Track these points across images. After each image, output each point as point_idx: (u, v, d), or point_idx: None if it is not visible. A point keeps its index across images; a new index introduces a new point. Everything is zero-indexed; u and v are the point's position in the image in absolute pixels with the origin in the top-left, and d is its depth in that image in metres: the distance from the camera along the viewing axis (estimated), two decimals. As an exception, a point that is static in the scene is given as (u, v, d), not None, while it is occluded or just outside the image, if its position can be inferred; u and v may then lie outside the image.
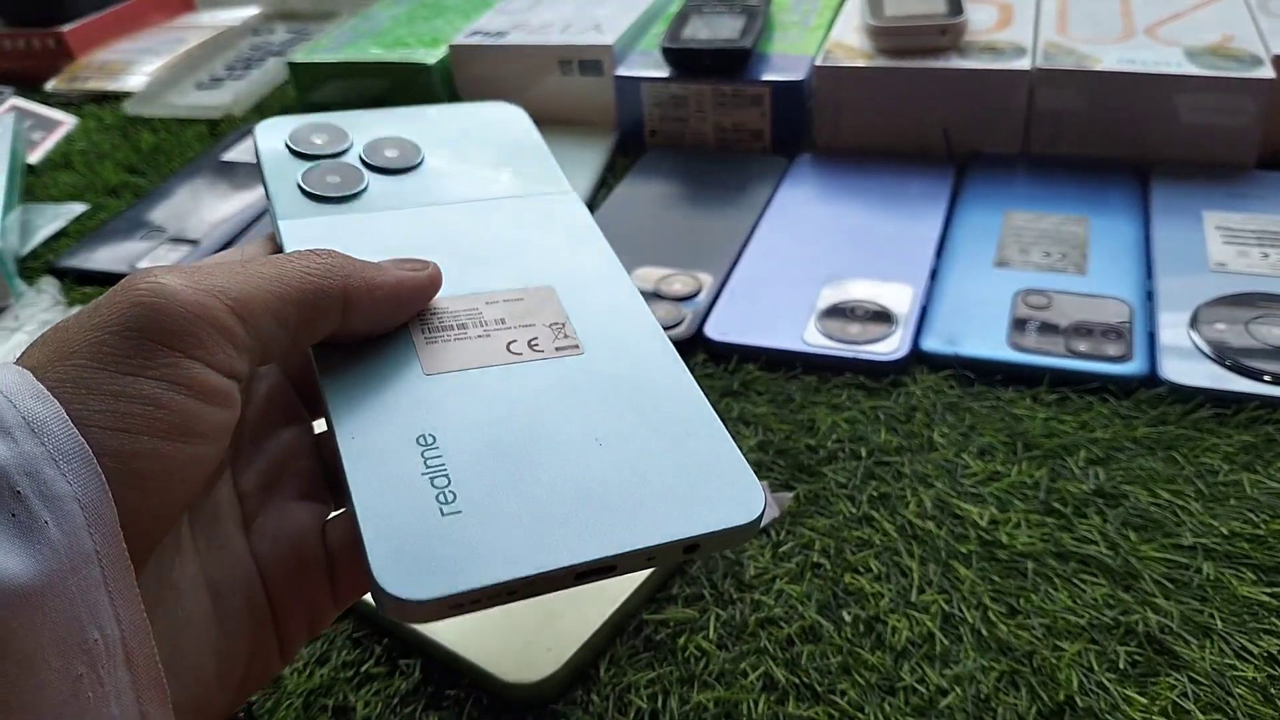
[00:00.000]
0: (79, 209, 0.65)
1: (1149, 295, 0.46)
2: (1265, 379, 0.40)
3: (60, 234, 0.63)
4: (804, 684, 0.31)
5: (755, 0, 0.67)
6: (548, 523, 0.22)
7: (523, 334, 0.26)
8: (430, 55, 0.68)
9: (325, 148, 0.31)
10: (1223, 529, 0.35)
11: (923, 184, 0.56)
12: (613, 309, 0.27)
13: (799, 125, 0.61)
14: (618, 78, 0.64)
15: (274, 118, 0.32)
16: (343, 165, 0.31)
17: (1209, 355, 0.41)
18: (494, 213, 0.30)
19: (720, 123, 0.62)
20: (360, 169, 0.31)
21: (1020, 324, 0.45)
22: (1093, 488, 0.37)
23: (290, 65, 0.72)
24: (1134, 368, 0.42)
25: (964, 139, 0.59)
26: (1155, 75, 0.54)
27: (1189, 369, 0.41)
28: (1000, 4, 0.63)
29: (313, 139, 0.31)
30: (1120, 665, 0.31)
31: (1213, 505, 0.36)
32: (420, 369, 0.25)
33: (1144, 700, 0.30)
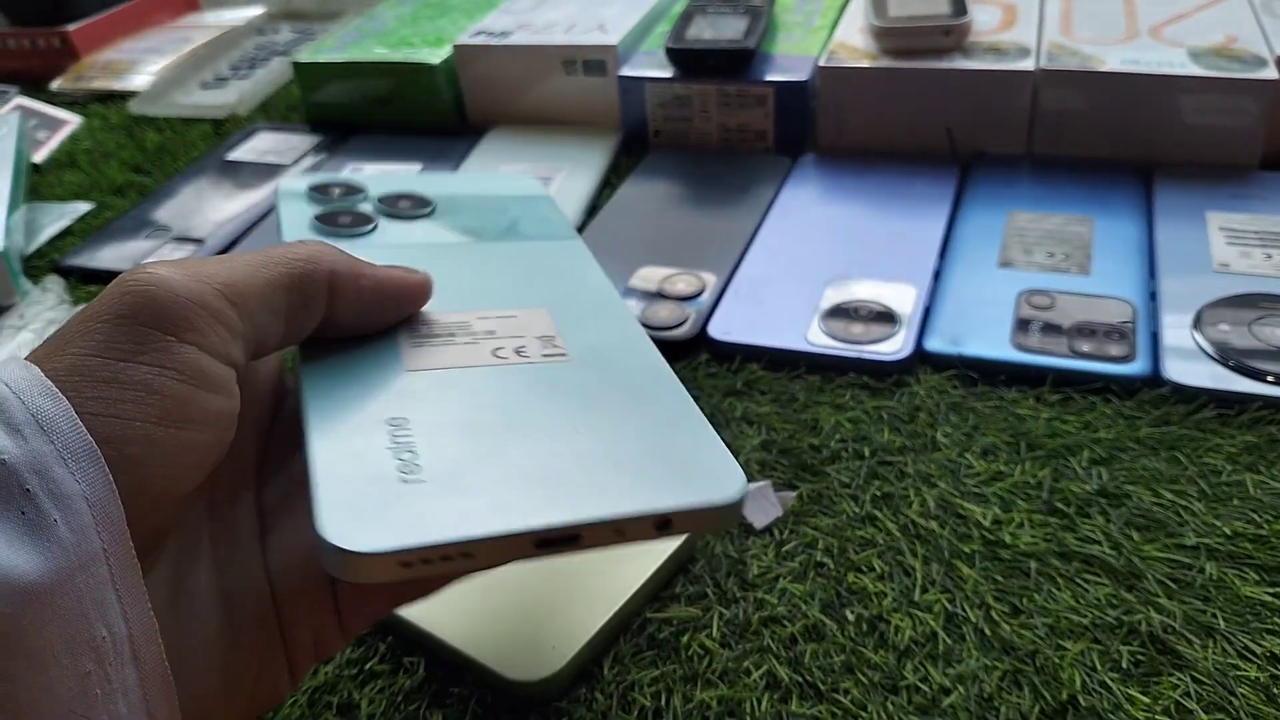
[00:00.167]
0: (84, 208, 0.65)
1: (1152, 296, 0.46)
2: (1268, 380, 0.40)
3: (65, 233, 0.63)
4: (807, 683, 0.31)
5: (759, 1, 0.67)
6: (510, 490, 0.21)
7: (511, 343, 0.26)
8: (435, 55, 0.68)
9: (342, 195, 0.33)
10: (1226, 529, 0.35)
11: (926, 184, 0.56)
12: (607, 330, 0.27)
13: (803, 125, 0.61)
14: (622, 78, 0.64)
15: (299, 175, 0.34)
16: (356, 210, 0.32)
17: (1212, 356, 0.41)
18: (498, 250, 0.31)
19: (724, 123, 0.62)
20: (372, 213, 0.32)
21: (1024, 324, 0.45)
22: (1096, 488, 0.37)
23: (295, 65, 0.72)
24: (1137, 368, 0.42)
25: (968, 139, 0.59)
26: (1159, 76, 0.54)
27: (1192, 369, 0.41)
28: (1004, 5, 0.63)
29: (331, 189, 0.33)
30: (1123, 665, 0.31)
31: (1216, 505, 0.36)
32: (403, 366, 0.25)
33: (1147, 700, 0.30)
